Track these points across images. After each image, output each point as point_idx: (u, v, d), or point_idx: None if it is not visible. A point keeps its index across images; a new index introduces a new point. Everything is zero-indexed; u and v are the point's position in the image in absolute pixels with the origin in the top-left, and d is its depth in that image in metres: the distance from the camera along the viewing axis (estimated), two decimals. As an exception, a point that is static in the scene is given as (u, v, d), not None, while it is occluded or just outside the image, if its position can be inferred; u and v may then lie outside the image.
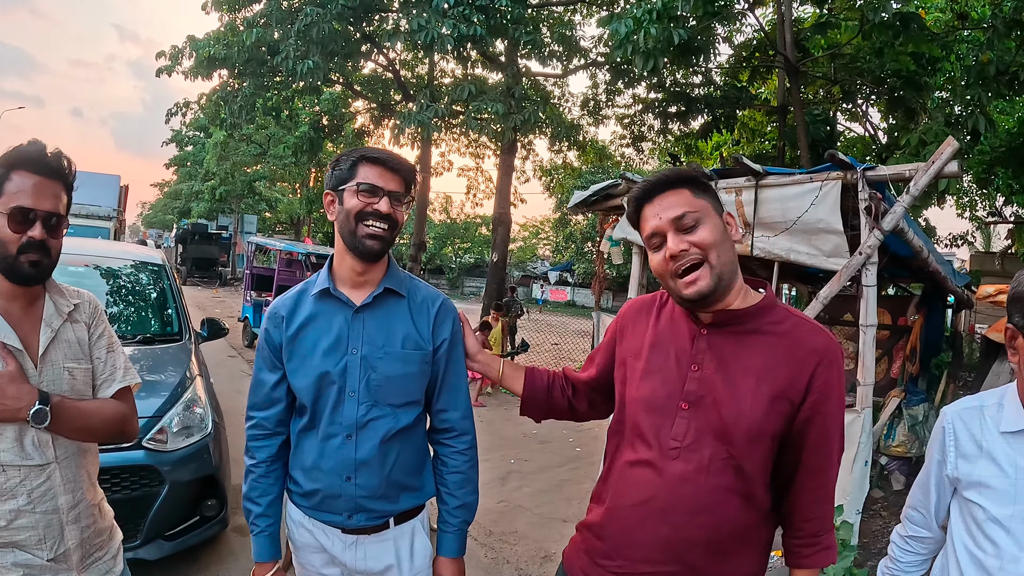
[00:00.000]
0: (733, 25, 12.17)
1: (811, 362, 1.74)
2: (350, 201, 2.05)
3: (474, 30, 11.37)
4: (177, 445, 4.16)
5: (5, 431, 1.87)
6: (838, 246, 4.90)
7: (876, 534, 5.30)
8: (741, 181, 5.33)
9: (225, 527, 4.58)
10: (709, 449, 1.77)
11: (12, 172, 1.87)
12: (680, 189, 1.78)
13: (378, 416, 2.11)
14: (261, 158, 31.41)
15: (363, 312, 2.13)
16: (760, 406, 1.74)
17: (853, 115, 14.85)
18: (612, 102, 17.35)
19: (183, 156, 45.88)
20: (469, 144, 22.00)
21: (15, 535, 1.91)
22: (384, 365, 2.11)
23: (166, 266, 6.09)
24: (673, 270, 1.75)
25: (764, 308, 1.83)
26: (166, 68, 15.17)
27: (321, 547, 2.19)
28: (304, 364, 2.11)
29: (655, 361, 1.90)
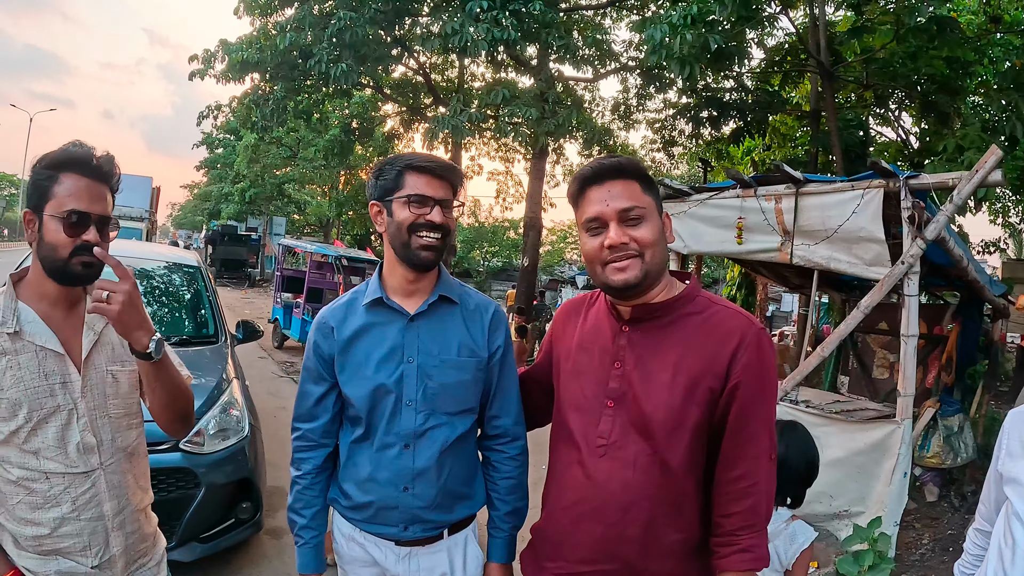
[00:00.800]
0: (765, 29, 12.07)
1: (728, 346, 1.72)
2: (400, 213, 2.02)
3: (507, 34, 11.35)
4: (214, 448, 4.17)
5: (47, 434, 1.87)
6: (879, 255, 4.83)
7: (909, 546, 5.21)
8: (781, 188, 5.27)
9: (259, 530, 4.60)
10: (634, 446, 1.77)
11: (61, 175, 1.85)
12: (631, 180, 1.78)
13: (436, 425, 2.09)
14: (291, 161, 31.57)
15: (417, 320, 2.10)
16: (677, 397, 1.73)
17: (885, 119, 14.66)
18: (643, 106, 17.30)
19: (213, 158, 46.39)
20: (499, 148, 21.98)
21: (59, 542, 1.90)
22: (440, 373, 2.08)
23: (202, 268, 6.12)
24: (605, 259, 1.75)
25: (684, 298, 1.82)
26: (199, 72, 15.30)
27: (373, 561, 2.16)
28: (358, 375, 2.08)
29: (581, 361, 1.92)
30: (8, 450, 1.85)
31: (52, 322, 1.92)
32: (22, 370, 1.84)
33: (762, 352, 1.73)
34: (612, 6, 16.39)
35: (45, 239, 1.84)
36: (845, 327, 5.11)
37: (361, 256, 16.27)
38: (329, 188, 31.38)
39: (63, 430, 1.88)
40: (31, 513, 1.87)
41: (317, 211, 39.44)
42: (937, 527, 5.61)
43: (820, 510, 4.94)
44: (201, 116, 18.49)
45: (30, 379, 1.85)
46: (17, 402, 1.82)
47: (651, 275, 1.75)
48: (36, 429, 1.85)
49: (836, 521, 4.90)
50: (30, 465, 1.86)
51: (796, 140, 14.71)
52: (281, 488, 5.90)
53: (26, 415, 1.83)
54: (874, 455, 4.80)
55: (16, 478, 1.86)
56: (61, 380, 1.89)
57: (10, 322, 1.85)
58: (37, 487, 1.87)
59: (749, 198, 5.49)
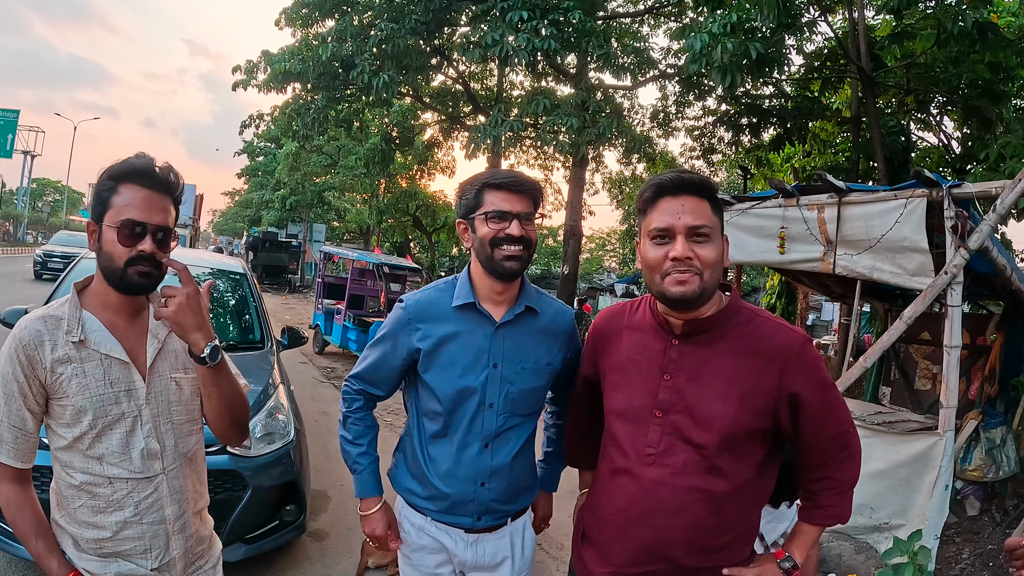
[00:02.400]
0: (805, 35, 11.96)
1: (778, 360, 1.81)
2: (482, 229, 2.14)
3: (546, 44, 11.40)
4: (260, 451, 4.25)
5: (111, 440, 1.90)
6: (923, 264, 4.79)
7: (949, 560, 5.14)
8: (823, 198, 5.24)
9: (303, 532, 4.66)
10: (684, 454, 1.85)
11: (120, 185, 1.87)
12: (704, 199, 1.82)
13: (512, 426, 2.26)
14: (331, 169, 31.92)
15: (503, 329, 2.23)
16: (732, 408, 1.81)
17: (927, 124, 14.44)
18: (682, 114, 17.25)
19: (254, 166, 46.98)
20: (538, 156, 22.02)
21: (120, 545, 1.94)
22: (521, 380, 2.23)
23: (247, 275, 6.24)
24: (667, 270, 1.79)
25: (730, 311, 1.89)
26: (242, 82, 15.55)
27: (442, 547, 2.30)
28: (444, 375, 2.20)
29: (629, 372, 1.98)
30: (71, 455, 1.90)
31: (116, 330, 1.95)
32: (87, 378, 1.87)
33: (809, 359, 1.84)
34: (650, 13, 16.37)
35: (104, 249, 1.87)
36: (887, 337, 5.06)
37: (402, 263, 16.39)
38: (369, 196, 31.63)
39: (127, 436, 1.92)
40: (93, 517, 1.91)
41: (357, 218, 39.81)
42: (978, 542, 5.52)
43: (861, 522, 4.90)
44: (243, 125, 18.80)
45: (95, 387, 1.88)
46: (82, 409, 1.86)
47: (707, 293, 1.81)
48: (100, 436, 1.89)
49: (876, 534, 4.86)
50: (93, 470, 1.90)
51: (837, 147, 14.54)
52: (324, 492, 5.99)
53: (91, 422, 1.87)
54: (916, 467, 4.75)
55: (79, 482, 1.90)
56: (126, 388, 1.92)
57: (75, 331, 1.88)
58: (100, 491, 1.91)
59: (791, 207, 5.47)
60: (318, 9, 14.77)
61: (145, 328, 2.01)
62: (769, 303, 13.20)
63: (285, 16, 15.49)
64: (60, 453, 1.91)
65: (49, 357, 1.85)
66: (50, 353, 1.85)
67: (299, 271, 40.75)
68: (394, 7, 13.19)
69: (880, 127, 10.89)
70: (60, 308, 1.92)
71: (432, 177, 28.18)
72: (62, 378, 1.85)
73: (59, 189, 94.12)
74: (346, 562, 4.77)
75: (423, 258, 35.65)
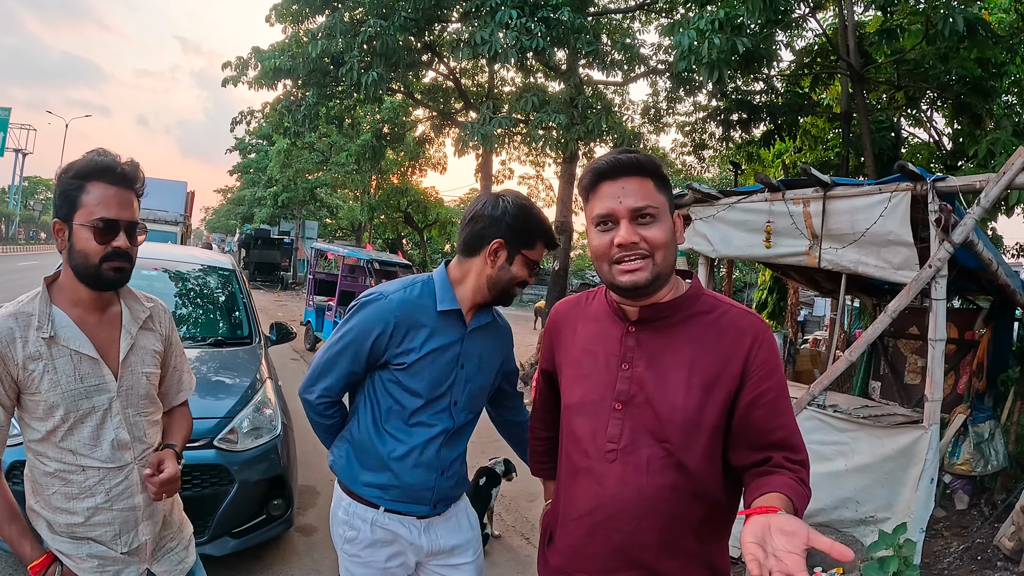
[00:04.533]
0: (794, 31, 12.00)
1: (743, 345, 1.70)
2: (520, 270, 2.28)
3: (536, 43, 11.40)
4: (247, 445, 4.26)
5: (82, 433, 1.96)
6: (908, 258, 4.80)
7: (937, 554, 5.17)
8: (808, 192, 5.25)
9: (290, 527, 4.66)
10: (647, 449, 1.72)
11: (88, 183, 1.91)
12: (646, 178, 1.71)
13: (468, 421, 2.42)
14: (323, 165, 31.89)
15: (472, 333, 2.35)
16: (694, 397, 1.68)
17: (917, 120, 14.49)
18: (673, 110, 17.29)
19: (246, 163, 46.89)
20: (529, 153, 22.02)
21: (91, 530, 2.01)
22: (478, 378, 2.39)
23: (236, 271, 6.24)
24: (614, 257, 1.69)
25: (690, 298, 1.78)
26: (232, 79, 15.53)
27: (393, 539, 2.34)
28: (423, 375, 2.26)
29: (585, 364, 1.87)
30: (45, 446, 1.96)
31: (86, 327, 1.99)
32: (58, 374, 1.91)
33: (774, 347, 1.73)
34: (640, 9, 16.37)
35: (76, 247, 1.91)
36: (872, 331, 5.07)
37: (393, 260, 16.37)
38: (361, 192, 31.61)
39: (98, 429, 1.98)
40: (67, 503, 1.97)
41: (349, 215, 39.77)
42: (966, 536, 5.54)
43: (847, 516, 4.91)
44: (234, 122, 18.80)
45: (66, 382, 1.92)
46: (54, 404, 1.91)
47: (661, 277, 1.70)
48: (72, 429, 1.95)
49: (862, 527, 4.87)
50: (66, 460, 1.96)
51: (827, 143, 14.59)
52: (312, 487, 6.00)
53: (63, 416, 1.92)
54: (901, 461, 4.76)
55: (54, 470, 1.96)
56: (96, 383, 1.97)
57: (45, 327, 1.92)
58: (74, 478, 1.97)
59: (777, 202, 5.47)
60: (308, 5, 14.74)
61: (114, 323, 2.06)
62: (760, 299, 13.24)
63: (275, 12, 15.45)
64: (34, 444, 1.97)
65: (21, 354, 1.88)
66: (21, 350, 1.88)
67: (291, 268, 40.73)
68: (383, 4, 13.14)
69: (870, 123, 10.93)
70: (30, 304, 1.95)
71: (424, 173, 28.26)
72: (34, 374, 1.89)
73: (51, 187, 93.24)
74: (334, 556, 4.66)
75: (415, 254, 35.65)
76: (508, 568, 5.08)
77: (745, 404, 1.69)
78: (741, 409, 1.69)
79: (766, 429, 1.68)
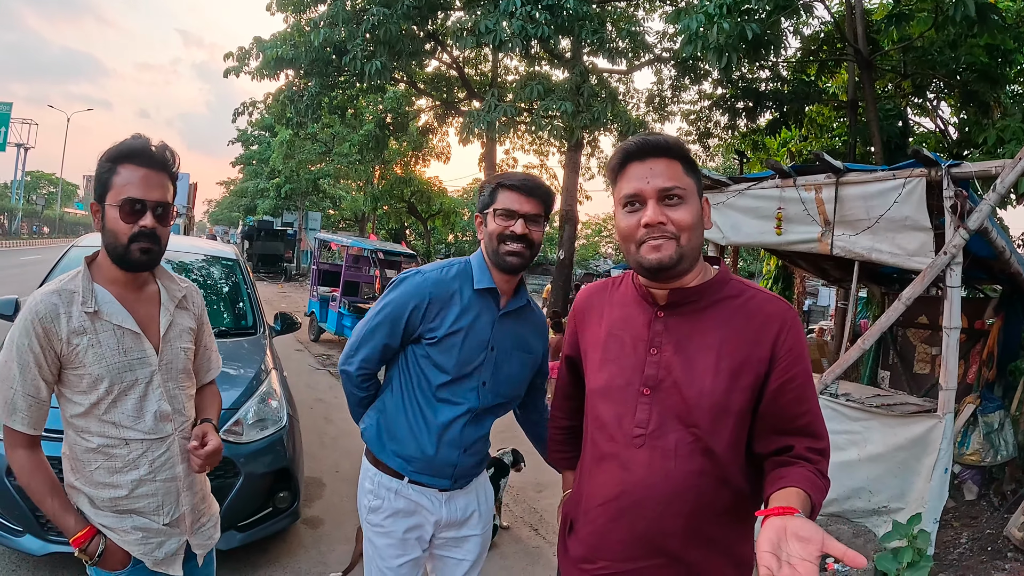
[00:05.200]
0: (801, 18, 11.88)
1: (771, 330, 1.70)
2: (491, 224, 2.33)
3: (541, 30, 11.31)
4: (252, 437, 4.21)
5: (126, 405, 2.03)
6: (924, 244, 4.73)
7: (947, 545, 5.13)
8: (821, 178, 5.18)
9: (296, 520, 4.63)
10: (675, 434, 1.72)
11: (119, 166, 1.98)
12: (674, 160, 1.72)
13: (497, 404, 2.49)
14: (326, 156, 31.82)
15: (505, 317, 2.44)
16: (722, 382, 1.68)
17: (923, 109, 14.37)
18: (678, 98, 17.15)
19: (249, 155, 46.95)
20: (533, 142, 21.93)
21: (135, 502, 2.08)
22: (508, 365, 2.46)
23: (240, 261, 6.21)
24: (641, 237, 1.70)
25: (718, 283, 1.78)
26: (234, 69, 15.44)
27: (415, 509, 2.45)
28: (452, 352, 2.35)
29: (612, 349, 1.86)
30: (87, 421, 2.02)
31: (126, 303, 2.07)
32: (103, 347, 1.99)
33: (801, 333, 1.73)
34: (644, -4, 16.25)
35: (107, 227, 1.99)
36: (886, 319, 5.01)
37: (397, 250, 16.36)
38: (364, 183, 31.55)
39: (141, 401, 2.06)
40: (110, 477, 2.05)
41: (352, 205, 39.76)
42: (976, 526, 5.52)
43: (859, 506, 4.87)
44: (236, 113, 18.70)
45: (111, 356, 2.00)
46: (99, 377, 1.98)
47: (686, 258, 1.70)
48: (116, 401, 2.02)
49: (875, 517, 4.82)
50: (109, 433, 2.03)
51: (833, 131, 14.48)
52: (318, 479, 5.96)
53: (107, 387, 1.99)
54: (915, 450, 4.71)
55: (96, 445, 2.03)
56: (138, 356, 2.05)
57: (89, 302, 1.99)
58: (117, 452, 2.04)
59: (788, 188, 5.41)
60: (309, -7, 14.67)
61: (152, 300, 2.15)
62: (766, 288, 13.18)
63: (276, 1, 15.36)
64: (76, 420, 2.03)
65: (65, 329, 1.96)
66: (66, 325, 1.96)
67: (295, 259, 40.80)
68: (386, -9, 13.04)
69: (877, 111, 10.83)
70: (72, 282, 2.03)
71: (427, 163, 28.16)
72: (78, 348, 1.97)
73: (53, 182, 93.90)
74: (341, 549, 4.74)
75: (419, 245, 35.61)
76: (516, 559, 5.04)
77: (773, 389, 1.68)
78: (769, 394, 1.69)
79: (793, 415, 1.69)
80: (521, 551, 5.18)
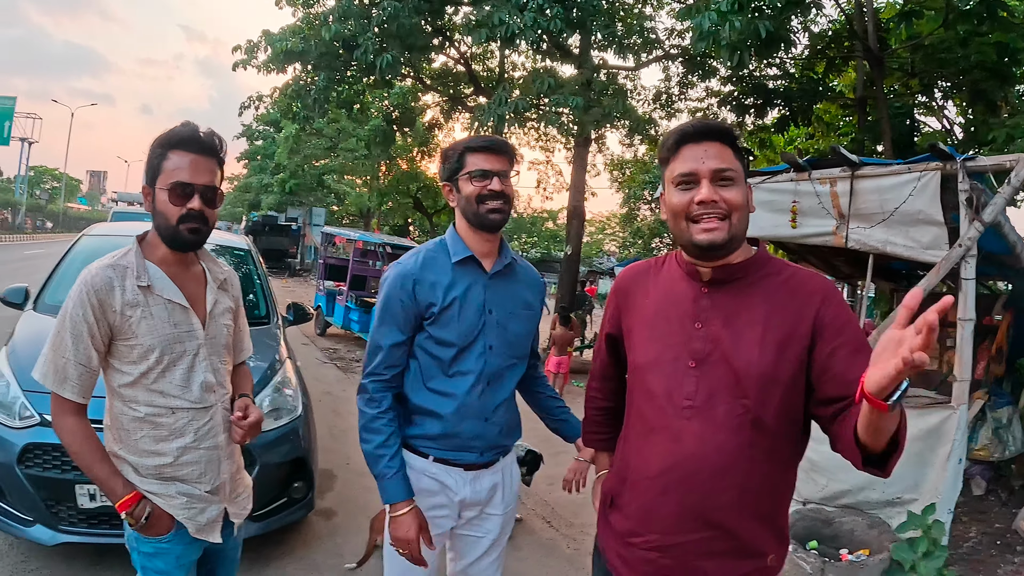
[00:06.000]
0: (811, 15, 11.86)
1: (813, 303, 1.76)
2: (467, 187, 2.38)
3: (552, 25, 11.30)
4: (268, 427, 4.17)
5: (174, 375, 2.15)
6: (937, 237, 4.74)
7: (957, 539, 5.15)
8: (836, 172, 5.19)
9: (311, 510, 4.65)
10: (724, 405, 1.77)
11: (169, 152, 2.10)
12: (726, 145, 1.80)
13: (510, 365, 2.52)
14: (331, 151, 31.78)
15: (494, 278, 2.48)
16: (769, 352, 1.74)
17: (929, 109, 14.35)
18: (685, 95, 17.11)
19: (254, 150, 46.94)
20: (539, 138, 21.88)
21: (179, 470, 2.18)
22: (512, 323, 2.50)
23: (252, 251, 6.23)
24: (694, 214, 1.77)
25: (760, 260, 1.87)
26: (241, 62, 15.39)
27: (440, 489, 2.46)
28: (452, 325, 2.38)
29: (658, 324, 1.92)
30: (136, 391, 2.12)
31: (176, 280, 2.19)
32: (155, 319, 2.11)
33: (843, 304, 1.80)
34: (653, -8, 16.19)
35: (158, 209, 2.12)
36: (898, 312, 5.01)
37: (404, 243, 16.40)
38: (370, 178, 31.55)
39: (188, 372, 2.17)
40: (155, 445, 2.15)
41: (357, 201, 39.72)
42: (985, 521, 5.54)
43: (873, 497, 4.87)
44: (242, 107, 18.63)
45: (162, 327, 2.12)
46: (150, 347, 2.10)
47: (736, 239, 1.78)
48: (165, 371, 2.13)
49: (889, 508, 4.83)
50: (157, 402, 2.14)
51: (840, 129, 14.46)
52: (330, 471, 5.97)
53: (157, 357, 2.11)
54: (929, 441, 4.72)
55: (143, 415, 2.13)
56: (187, 329, 2.18)
57: (143, 276, 2.11)
58: (163, 421, 2.15)
59: (803, 181, 5.41)
60: (319, -12, 14.66)
61: (198, 280, 2.28)
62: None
63: (285, -6, 15.36)
64: (123, 389, 2.14)
65: (119, 301, 2.08)
66: (120, 297, 2.08)
67: (299, 255, 40.79)
68: (397, -15, 13.01)
69: (887, 108, 10.81)
70: (124, 258, 2.15)
71: (433, 159, 28.07)
72: (131, 320, 2.09)
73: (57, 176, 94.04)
74: (355, 540, 4.74)
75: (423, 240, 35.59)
76: (531, 551, 5.05)
77: (824, 356, 1.71)
78: (819, 363, 1.72)
79: (849, 370, 1.65)
80: (535, 543, 5.20)
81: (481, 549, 2.63)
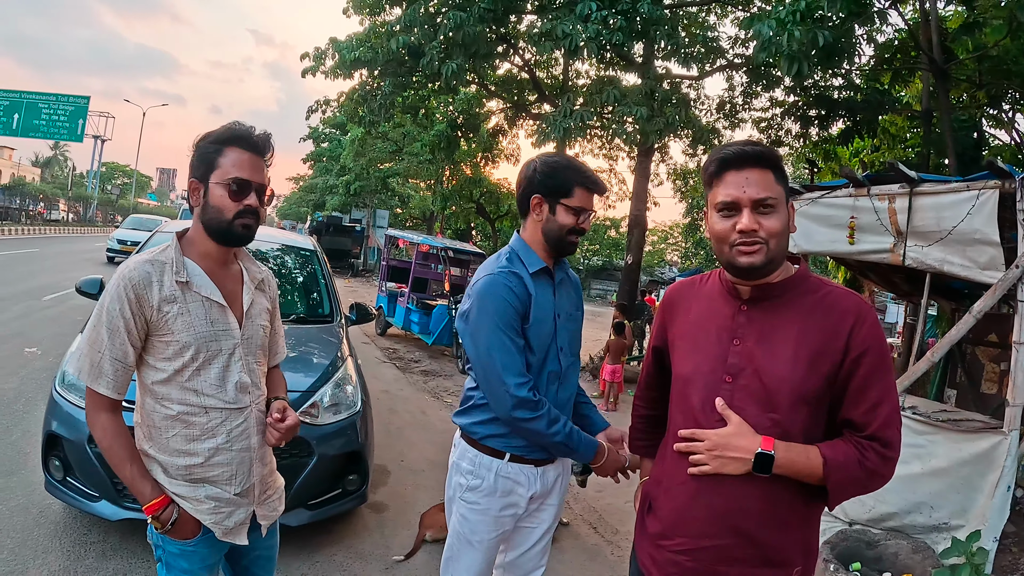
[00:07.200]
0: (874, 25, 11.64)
1: (846, 322, 1.82)
2: (564, 217, 2.55)
3: (616, 36, 11.33)
4: (327, 420, 4.39)
5: (209, 374, 2.14)
6: (994, 258, 4.67)
7: (1005, 569, 4.99)
8: (894, 188, 5.15)
9: (363, 502, 4.80)
10: (754, 419, 1.85)
11: (226, 148, 2.12)
12: (767, 170, 1.86)
13: (572, 363, 2.70)
14: (396, 155, 32.16)
15: (559, 287, 2.67)
16: (800, 368, 1.82)
17: (998, 121, 13.93)
18: (749, 105, 16.91)
19: (319, 152, 47.64)
20: (602, 146, 21.82)
21: (209, 471, 2.17)
22: (572, 323, 2.71)
23: (318, 252, 6.42)
24: (734, 241, 1.85)
25: (798, 279, 1.93)
26: (310, 69, 15.71)
27: (512, 488, 2.59)
28: (535, 329, 2.52)
29: (698, 339, 2.02)
30: (169, 388, 2.11)
31: (214, 278, 2.19)
32: (192, 316, 2.10)
33: (877, 326, 1.85)
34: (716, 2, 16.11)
35: (211, 203, 2.12)
36: (956, 332, 4.95)
37: (466, 248, 16.55)
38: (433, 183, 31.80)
39: (224, 371, 2.16)
40: (187, 444, 2.13)
41: (420, 204, 40.08)
42: (1036, 554, 5.39)
43: (920, 521, 4.82)
44: (310, 110, 19.00)
45: (199, 325, 2.11)
46: (186, 344, 2.09)
47: (775, 262, 1.86)
48: (200, 369, 2.12)
49: (935, 534, 4.76)
50: (190, 401, 2.12)
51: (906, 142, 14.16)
52: (384, 467, 6.13)
53: (193, 354, 2.10)
54: (978, 467, 4.65)
55: (176, 413, 2.12)
56: (224, 327, 2.17)
57: (182, 272, 2.11)
58: (196, 420, 2.13)
59: (862, 197, 5.38)
60: (385, -3, 14.89)
61: (236, 279, 2.28)
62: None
63: (352, 4, 15.65)
64: (157, 386, 2.12)
65: (157, 296, 2.06)
66: (157, 292, 2.07)
67: (362, 255, 41.31)
68: (461, -6, 13.18)
69: (951, 121, 10.59)
70: (163, 253, 2.14)
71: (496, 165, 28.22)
72: (168, 316, 2.07)
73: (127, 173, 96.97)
74: (404, 534, 4.89)
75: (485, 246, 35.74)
76: (575, 554, 5.13)
77: (844, 375, 1.82)
78: (841, 381, 1.83)
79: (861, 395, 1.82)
80: (580, 547, 5.27)
81: (534, 539, 2.76)
